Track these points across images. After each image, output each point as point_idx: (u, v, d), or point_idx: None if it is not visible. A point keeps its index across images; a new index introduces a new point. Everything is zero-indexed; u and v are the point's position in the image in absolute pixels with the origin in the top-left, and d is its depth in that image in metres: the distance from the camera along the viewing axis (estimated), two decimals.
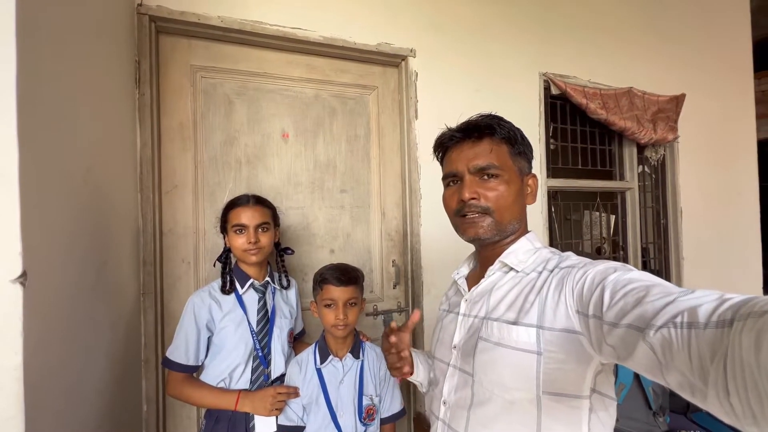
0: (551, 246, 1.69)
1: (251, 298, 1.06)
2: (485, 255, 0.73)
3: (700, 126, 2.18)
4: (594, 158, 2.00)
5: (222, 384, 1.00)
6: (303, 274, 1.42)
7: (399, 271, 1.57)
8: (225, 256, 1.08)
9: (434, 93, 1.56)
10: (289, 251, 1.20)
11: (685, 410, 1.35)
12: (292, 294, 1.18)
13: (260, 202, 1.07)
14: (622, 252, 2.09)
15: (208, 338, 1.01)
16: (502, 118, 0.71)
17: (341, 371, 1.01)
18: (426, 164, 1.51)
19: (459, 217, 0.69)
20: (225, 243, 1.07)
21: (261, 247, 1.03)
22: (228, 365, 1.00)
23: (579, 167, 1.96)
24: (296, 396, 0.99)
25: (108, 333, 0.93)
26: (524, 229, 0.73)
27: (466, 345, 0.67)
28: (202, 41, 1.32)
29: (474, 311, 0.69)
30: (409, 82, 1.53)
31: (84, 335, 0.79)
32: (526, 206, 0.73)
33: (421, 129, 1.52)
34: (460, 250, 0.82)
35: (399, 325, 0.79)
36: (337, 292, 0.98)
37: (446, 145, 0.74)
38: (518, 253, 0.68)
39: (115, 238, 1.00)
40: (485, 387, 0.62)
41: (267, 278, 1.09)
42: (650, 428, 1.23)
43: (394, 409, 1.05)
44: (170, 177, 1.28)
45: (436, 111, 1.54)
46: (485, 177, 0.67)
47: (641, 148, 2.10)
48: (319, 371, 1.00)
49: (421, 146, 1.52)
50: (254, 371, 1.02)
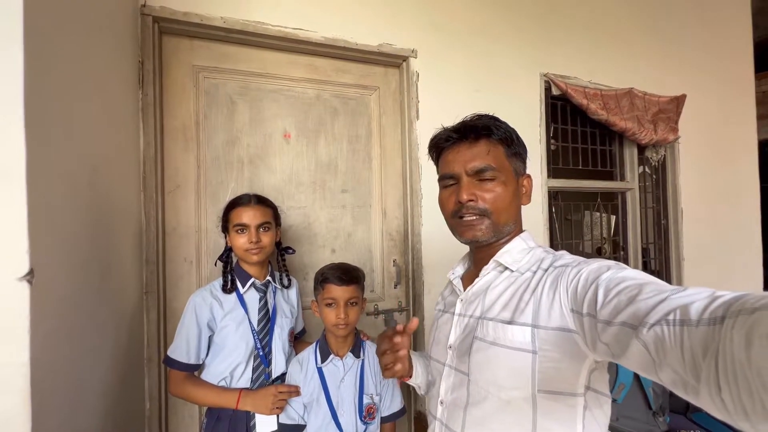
0: (552, 246, 1.69)
1: (252, 298, 1.06)
2: (480, 255, 0.73)
3: (701, 127, 2.18)
4: (594, 159, 2.01)
5: (223, 383, 1.00)
6: (304, 274, 1.43)
7: (400, 271, 1.57)
8: (226, 256, 1.08)
9: (435, 93, 1.56)
10: (291, 251, 1.20)
11: (685, 410, 1.36)
12: (293, 293, 1.18)
13: (262, 202, 1.08)
14: (623, 252, 2.10)
15: (210, 337, 1.02)
16: (498, 119, 0.71)
17: (342, 370, 1.01)
18: (427, 164, 1.51)
19: (456, 219, 0.69)
20: (226, 242, 1.08)
21: (262, 247, 1.03)
22: (229, 364, 1.00)
23: (580, 168, 1.96)
24: (297, 395, 1.00)
25: (112, 331, 0.94)
26: (519, 229, 0.73)
27: (462, 345, 0.68)
28: (205, 42, 1.33)
29: (469, 311, 0.69)
30: (411, 83, 1.53)
31: (88, 333, 0.80)
32: (522, 206, 0.73)
33: (422, 129, 1.53)
34: (461, 250, 0.83)
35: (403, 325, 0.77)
36: (339, 292, 0.98)
37: (441, 146, 0.73)
38: (513, 253, 0.69)
39: (119, 238, 1.00)
40: (481, 386, 0.63)
41: (268, 277, 1.10)
42: (650, 428, 1.24)
43: (395, 408, 1.05)
44: (173, 177, 1.29)
45: (437, 111, 1.54)
46: (482, 179, 0.67)
47: (642, 149, 2.11)
48: (320, 370, 1.01)
49: (423, 146, 1.52)
50: (255, 370, 1.02)
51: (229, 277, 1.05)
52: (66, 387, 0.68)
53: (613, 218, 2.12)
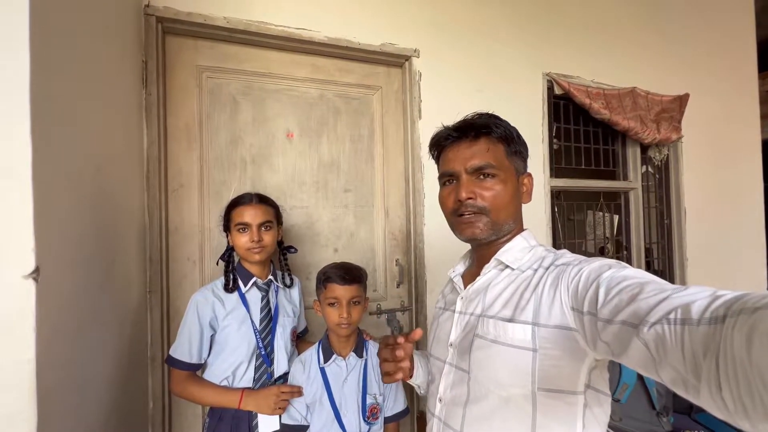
0: (555, 246, 1.69)
1: (254, 297, 1.06)
2: (481, 253, 0.73)
3: (704, 126, 2.17)
4: (597, 158, 2.00)
5: (225, 382, 1.00)
6: (307, 273, 1.43)
7: (402, 270, 1.57)
8: (228, 255, 1.08)
9: (438, 93, 1.56)
10: (293, 250, 1.20)
11: (689, 410, 1.35)
12: (296, 292, 1.18)
13: (263, 201, 1.08)
14: (626, 252, 2.09)
15: (212, 336, 1.02)
16: (498, 117, 0.71)
17: (345, 370, 1.01)
18: (429, 164, 1.51)
19: (456, 217, 0.70)
20: (228, 241, 1.08)
21: (264, 246, 1.03)
22: (231, 363, 1.00)
23: (582, 167, 1.95)
24: (300, 395, 1.00)
25: (116, 330, 0.94)
26: (520, 228, 0.73)
27: (462, 342, 0.68)
28: (208, 42, 1.33)
29: (470, 309, 0.70)
30: (413, 82, 1.53)
31: (93, 332, 0.80)
32: (522, 205, 0.73)
33: (425, 129, 1.53)
34: (463, 250, 0.83)
35: (405, 333, 0.74)
36: (341, 291, 0.98)
37: (442, 145, 0.74)
38: (514, 251, 0.69)
39: (123, 237, 1.01)
40: (481, 384, 0.63)
41: (270, 277, 1.10)
42: (654, 428, 1.23)
43: (398, 408, 1.05)
44: (176, 176, 1.29)
45: (440, 111, 1.54)
46: (482, 177, 0.67)
47: (645, 148, 2.10)
48: (323, 370, 1.00)
49: (425, 146, 1.50)
50: (257, 370, 1.02)
51: (231, 276, 1.05)
52: (71, 384, 0.68)
53: (616, 218, 2.11)
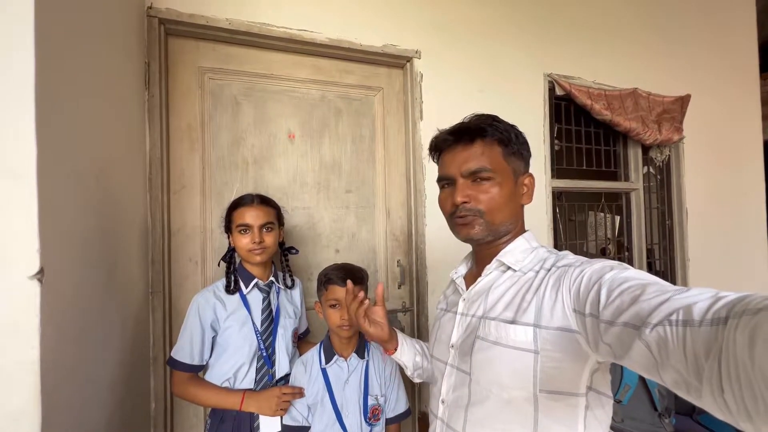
0: (556, 247, 1.69)
1: (255, 298, 1.06)
2: (482, 254, 0.73)
3: (706, 127, 2.17)
4: (599, 159, 2.00)
5: (226, 384, 1.00)
6: (309, 274, 1.43)
7: (404, 271, 1.57)
8: (230, 256, 1.08)
9: (439, 94, 1.57)
10: (294, 251, 1.20)
11: (691, 412, 1.35)
12: (297, 294, 1.18)
13: (265, 202, 1.08)
14: (627, 253, 2.09)
15: (213, 338, 1.02)
16: (496, 118, 0.71)
17: (346, 371, 1.01)
18: (431, 165, 1.51)
19: (453, 219, 0.70)
20: (230, 243, 1.08)
21: (265, 247, 1.03)
22: (232, 365, 1.00)
23: (584, 168, 1.95)
24: (301, 396, 1.00)
25: (119, 331, 0.94)
26: (521, 229, 0.73)
27: (464, 344, 0.68)
28: (210, 43, 1.34)
29: (472, 310, 0.70)
30: (414, 83, 1.54)
31: (96, 332, 0.80)
32: (523, 206, 0.73)
33: (426, 130, 1.53)
34: (464, 251, 0.83)
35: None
36: (342, 293, 0.97)
37: (440, 148, 0.75)
38: (515, 252, 0.69)
39: (125, 238, 1.01)
40: (482, 386, 0.63)
41: (271, 278, 1.10)
42: (655, 429, 1.23)
43: (400, 410, 1.05)
44: (178, 177, 1.30)
45: (441, 112, 1.54)
46: (477, 180, 0.68)
47: (646, 149, 2.10)
48: (324, 371, 1.00)
49: (426, 147, 1.51)
50: (258, 371, 1.02)
51: (233, 278, 1.05)
52: (74, 384, 0.69)
53: (618, 219, 2.11)
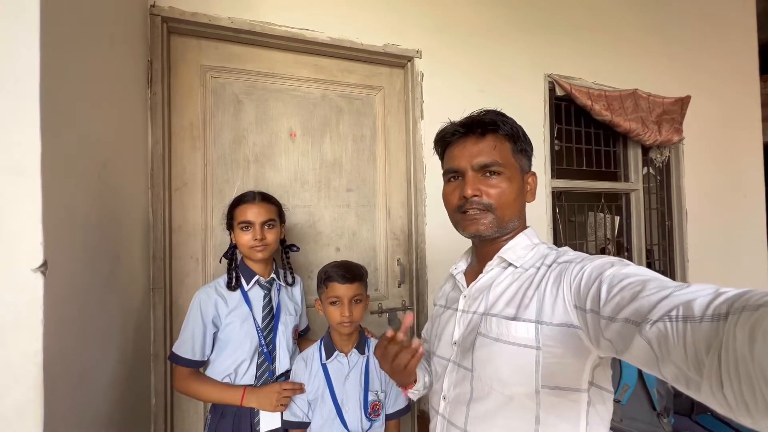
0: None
1: (257, 295, 1.07)
2: (483, 251, 0.73)
3: (706, 128, 2.17)
4: (599, 159, 2.01)
5: (227, 379, 1.01)
6: (309, 272, 1.44)
7: (404, 270, 1.58)
8: (231, 253, 1.09)
9: (440, 94, 1.57)
10: (295, 248, 1.20)
11: (690, 412, 1.35)
12: (297, 291, 1.19)
13: (266, 199, 1.08)
14: (627, 253, 2.09)
15: (214, 334, 1.02)
16: (505, 115, 0.71)
17: (347, 367, 1.02)
18: (431, 164, 1.52)
19: (460, 214, 0.69)
20: (231, 240, 1.09)
21: (267, 244, 1.04)
22: (233, 361, 1.01)
23: (583, 168, 1.96)
24: (301, 392, 1.00)
25: (120, 326, 0.95)
26: (523, 226, 0.73)
27: (465, 341, 0.68)
28: (213, 42, 1.34)
29: (473, 307, 0.69)
30: (415, 83, 1.54)
31: (98, 327, 0.81)
32: (526, 204, 0.73)
33: (427, 129, 1.54)
34: (464, 250, 0.83)
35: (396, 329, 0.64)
36: (342, 290, 0.98)
37: (448, 140, 0.73)
38: (517, 249, 0.69)
39: (127, 234, 1.02)
40: (484, 382, 0.63)
41: (272, 275, 1.10)
42: (654, 429, 1.23)
43: (400, 405, 1.05)
44: (180, 175, 1.30)
45: (442, 111, 1.53)
46: (488, 174, 0.67)
47: (646, 150, 2.10)
48: (325, 367, 1.01)
49: (427, 146, 1.54)
50: (259, 367, 1.03)
51: (234, 274, 1.06)
52: (76, 378, 0.69)
53: (617, 219, 2.12)
